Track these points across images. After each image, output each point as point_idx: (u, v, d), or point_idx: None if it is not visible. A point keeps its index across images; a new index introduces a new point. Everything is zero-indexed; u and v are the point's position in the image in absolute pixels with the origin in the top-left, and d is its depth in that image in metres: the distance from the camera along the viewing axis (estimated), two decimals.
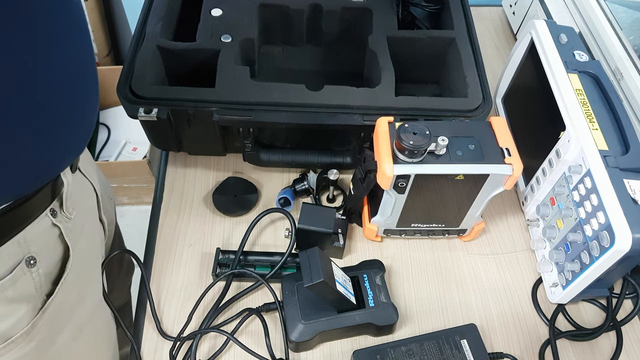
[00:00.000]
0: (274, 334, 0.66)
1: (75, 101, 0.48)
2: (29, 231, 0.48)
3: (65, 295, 0.55)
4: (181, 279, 0.71)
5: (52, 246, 0.53)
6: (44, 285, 0.52)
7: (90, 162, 0.66)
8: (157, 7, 0.80)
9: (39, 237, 0.50)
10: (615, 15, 0.78)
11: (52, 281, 0.53)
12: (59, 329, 0.56)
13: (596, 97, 0.67)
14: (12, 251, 0.47)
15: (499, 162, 0.61)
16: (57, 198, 0.52)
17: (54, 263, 0.53)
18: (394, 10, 0.83)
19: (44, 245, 0.51)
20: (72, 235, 0.54)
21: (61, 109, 0.46)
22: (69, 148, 0.51)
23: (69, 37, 0.44)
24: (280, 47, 0.90)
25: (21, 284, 0.49)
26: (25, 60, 0.39)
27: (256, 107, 0.70)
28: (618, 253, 0.56)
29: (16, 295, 0.49)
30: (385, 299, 0.66)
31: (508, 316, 0.70)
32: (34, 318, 0.51)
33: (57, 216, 0.52)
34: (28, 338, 0.52)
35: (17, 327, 0.50)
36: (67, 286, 0.55)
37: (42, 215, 0.50)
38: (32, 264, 0.49)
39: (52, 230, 0.52)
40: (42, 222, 0.50)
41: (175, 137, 0.76)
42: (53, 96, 0.44)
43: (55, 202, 0.52)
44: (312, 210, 0.70)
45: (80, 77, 0.48)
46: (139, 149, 1.71)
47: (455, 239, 0.76)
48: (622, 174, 0.59)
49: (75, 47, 0.45)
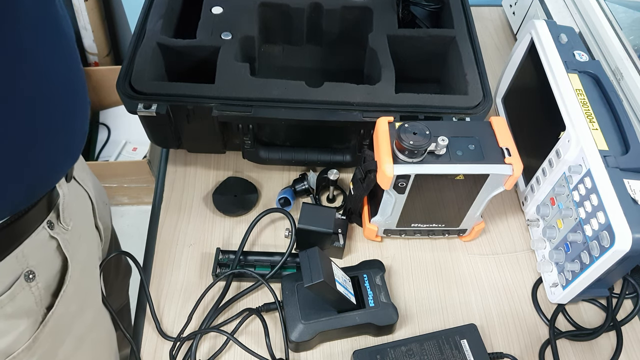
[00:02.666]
0: (274, 334, 0.66)
1: (64, 110, 0.47)
2: (26, 245, 0.48)
3: (66, 307, 0.54)
4: (181, 279, 0.71)
5: (51, 259, 0.52)
6: (44, 299, 0.52)
7: (85, 169, 0.66)
8: (157, 5, 0.80)
9: (37, 251, 0.49)
10: (615, 15, 0.78)
11: (51, 294, 0.53)
12: (60, 341, 0.56)
13: (596, 97, 0.67)
14: (10, 267, 0.47)
15: (499, 162, 0.61)
16: (53, 210, 0.51)
17: (52, 275, 0.53)
18: (394, 10, 0.83)
19: (42, 259, 0.50)
20: (70, 246, 0.54)
21: (51, 119, 0.45)
22: (63, 158, 0.50)
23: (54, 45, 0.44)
24: (280, 46, 0.90)
25: (20, 298, 0.48)
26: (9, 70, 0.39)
27: (256, 103, 0.70)
28: (618, 253, 0.56)
29: (15, 310, 0.48)
30: (385, 299, 0.66)
31: (508, 316, 0.70)
32: (35, 332, 0.51)
33: (55, 228, 0.51)
34: (30, 353, 0.51)
35: (19, 342, 0.50)
36: (67, 298, 0.54)
37: (40, 228, 0.49)
38: (31, 278, 0.49)
39: (49, 242, 0.51)
40: (39, 235, 0.49)
41: (174, 134, 0.76)
42: (41, 107, 0.43)
43: (52, 213, 0.51)
44: (312, 210, 0.70)
45: (69, 84, 0.47)
46: (139, 149, 1.71)
47: (455, 239, 0.76)
48: (622, 174, 0.59)
49: (61, 55, 0.45)
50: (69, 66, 0.47)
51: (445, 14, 0.86)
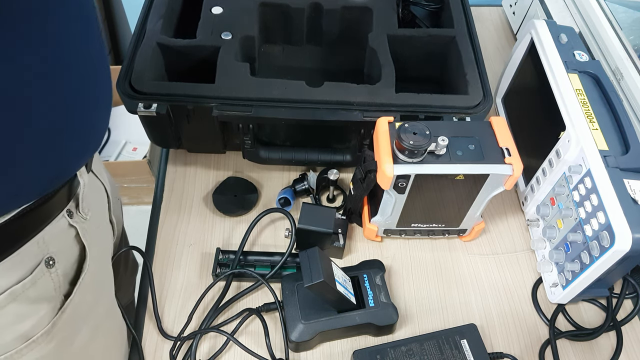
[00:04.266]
0: (274, 334, 0.66)
1: (90, 99, 0.48)
2: (47, 232, 0.49)
3: (82, 295, 0.55)
4: (181, 279, 0.71)
5: (70, 247, 0.53)
6: (62, 286, 0.52)
7: (100, 163, 0.66)
8: (157, 5, 0.80)
9: (57, 238, 0.50)
10: (615, 15, 0.78)
11: (69, 282, 0.54)
12: (77, 329, 0.56)
13: (596, 97, 0.67)
14: (32, 252, 0.48)
15: (499, 162, 0.61)
16: (73, 199, 0.52)
17: (71, 264, 0.54)
18: (394, 9, 0.83)
19: (61, 246, 0.51)
20: (88, 236, 0.55)
21: (83, 103, 0.46)
22: (86, 146, 0.51)
23: (81, 34, 0.44)
24: (280, 47, 0.90)
25: (41, 284, 0.49)
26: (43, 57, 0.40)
27: (256, 103, 0.70)
28: (618, 253, 0.56)
29: (37, 295, 0.49)
30: (385, 299, 0.66)
31: (508, 316, 0.70)
32: (54, 318, 0.52)
33: (74, 217, 0.52)
34: (48, 338, 0.52)
35: (38, 327, 0.51)
36: (84, 287, 0.55)
37: (59, 216, 0.50)
38: (51, 264, 0.50)
39: (69, 231, 0.52)
40: (59, 223, 0.50)
41: (174, 134, 0.76)
42: (70, 94, 0.44)
43: (71, 202, 0.52)
44: (312, 210, 0.70)
45: (93, 73, 0.48)
46: (139, 149, 1.70)
47: (455, 239, 0.76)
48: (622, 174, 0.59)
49: (87, 43, 0.46)
50: (94, 53, 0.48)
51: (445, 14, 0.86)
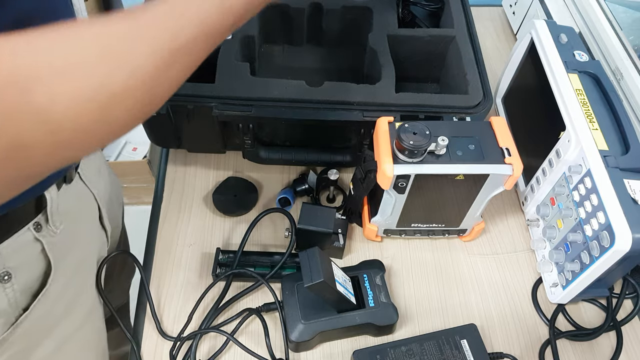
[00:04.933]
0: (274, 334, 0.66)
1: None
2: (6, 246, 0.47)
3: (47, 308, 0.54)
4: (181, 279, 0.71)
5: (33, 261, 0.52)
6: (20, 300, 0.51)
7: (98, 169, 0.65)
8: None
9: (18, 252, 0.49)
10: (615, 15, 0.78)
11: (32, 294, 0.52)
12: (36, 342, 0.55)
13: (596, 97, 0.66)
14: None
15: (499, 162, 0.61)
16: (42, 212, 0.51)
17: (34, 277, 0.52)
18: (394, 9, 0.83)
19: (22, 260, 0.50)
20: (55, 249, 0.53)
21: None
22: None
23: None
24: (280, 47, 0.90)
25: None
26: None
27: (256, 103, 0.70)
28: (618, 253, 0.56)
29: None
30: (385, 299, 0.66)
31: (508, 316, 0.70)
32: (4, 333, 0.50)
33: (42, 230, 0.51)
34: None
35: None
36: (48, 300, 0.53)
37: (24, 229, 0.49)
38: (6, 279, 0.48)
39: (34, 244, 0.51)
40: (23, 237, 0.49)
41: (174, 134, 0.76)
42: None
43: (40, 216, 0.50)
44: (312, 210, 0.70)
45: None
46: (139, 149, 1.70)
47: (456, 239, 0.76)
48: (622, 174, 0.59)
49: None
50: None
51: (445, 14, 0.86)
